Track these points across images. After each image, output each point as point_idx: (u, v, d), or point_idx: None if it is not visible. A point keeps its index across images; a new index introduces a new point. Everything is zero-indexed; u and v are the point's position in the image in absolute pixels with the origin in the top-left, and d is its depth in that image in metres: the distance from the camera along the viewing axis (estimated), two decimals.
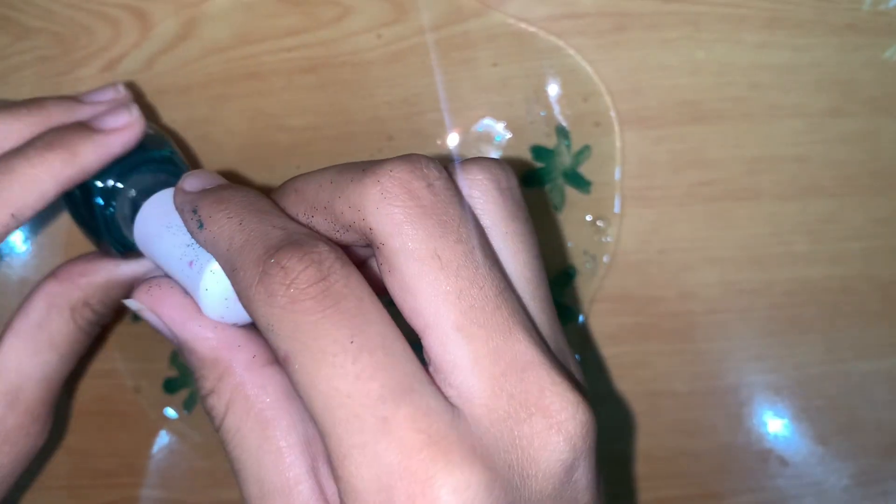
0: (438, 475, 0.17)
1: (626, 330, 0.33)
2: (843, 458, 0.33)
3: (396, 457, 0.17)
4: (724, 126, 0.31)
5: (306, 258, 0.19)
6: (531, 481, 0.18)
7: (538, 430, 0.18)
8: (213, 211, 0.21)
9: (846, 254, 0.32)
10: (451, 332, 0.19)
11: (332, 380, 0.18)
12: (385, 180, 0.19)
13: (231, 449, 0.21)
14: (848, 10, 0.30)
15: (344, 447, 0.18)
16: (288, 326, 0.18)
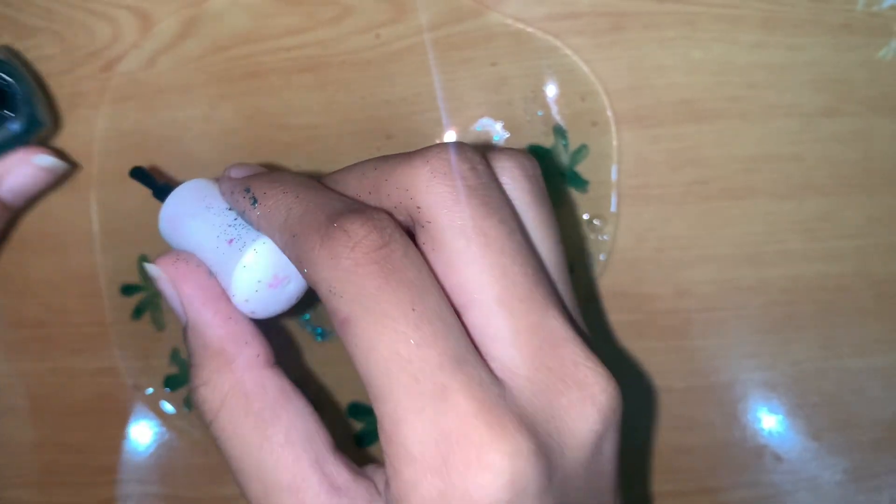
0: (493, 442, 0.18)
1: (622, 327, 0.33)
2: (837, 454, 0.33)
3: (454, 422, 0.18)
4: (720, 125, 0.31)
5: (369, 224, 0.19)
6: (568, 451, 0.19)
7: (574, 402, 0.19)
8: (267, 188, 0.22)
9: (841, 252, 0.32)
10: (494, 306, 0.19)
11: (394, 344, 0.18)
12: (434, 161, 0.20)
13: (228, 447, 0.22)
14: (842, 10, 0.30)
15: (401, 411, 0.18)
16: (352, 289, 0.19)
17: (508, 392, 0.19)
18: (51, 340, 0.35)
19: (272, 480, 0.21)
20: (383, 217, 0.20)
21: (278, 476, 0.21)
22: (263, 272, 0.22)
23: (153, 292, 0.34)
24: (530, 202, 0.22)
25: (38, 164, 0.30)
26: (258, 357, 0.22)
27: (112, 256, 0.34)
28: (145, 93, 0.32)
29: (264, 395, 0.21)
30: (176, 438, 0.35)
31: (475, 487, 0.17)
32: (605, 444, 0.20)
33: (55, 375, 0.35)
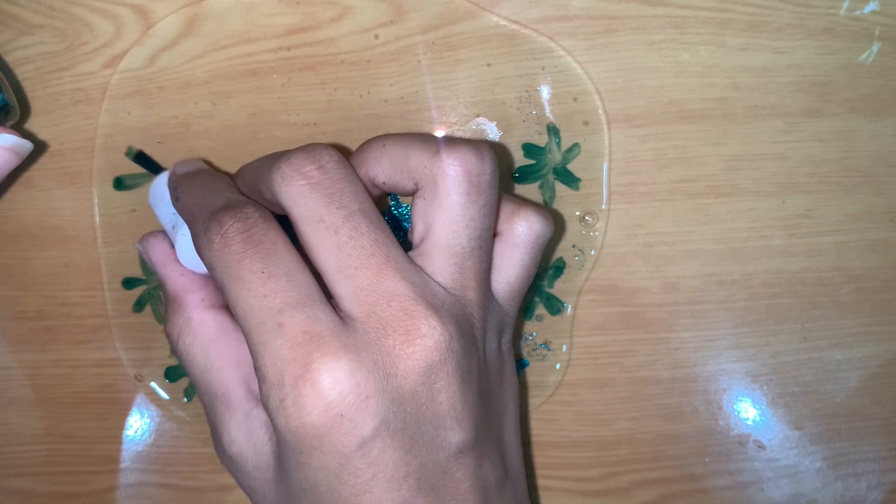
0: (315, 361, 0.23)
1: (612, 319, 0.33)
2: (818, 442, 0.34)
3: (286, 350, 0.23)
4: (706, 125, 0.32)
5: (236, 216, 0.25)
6: (394, 379, 0.23)
7: (400, 342, 0.23)
8: (184, 189, 0.28)
9: (821, 247, 0.32)
10: (335, 273, 0.24)
11: (248, 298, 0.24)
12: (283, 167, 0.25)
13: (185, 367, 0.28)
14: (825, 15, 0.31)
15: (255, 345, 0.24)
16: (221, 263, 0.24)
17: (346, 331, 0.24)
18: (53, 332, 0.35)
19: (212, 391, 0.27)
20: (249, 210, 0.25)
21: (216, 388, 0.27)
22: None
23: (154, 285, 0.34)
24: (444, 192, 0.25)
25: (2, 146, 0.30)
26: (202, 301, 0.28)
27: (114, 250, 0.34)
28: (147, 90, 0.33)
29: (205, 328, 0.28)
30: (176, 428, 0.35)
31: (301, 394, 0.23)
32: (437, 380, 0.24)
33: (58, 367, 0.35)
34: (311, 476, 0.24)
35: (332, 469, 0.23)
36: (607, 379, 0.34)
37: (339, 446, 0.23)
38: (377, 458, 0.23)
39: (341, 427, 0.23)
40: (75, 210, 0.34)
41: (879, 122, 0.32)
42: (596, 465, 0.34)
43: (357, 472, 0.23)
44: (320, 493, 0.24)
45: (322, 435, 0.23)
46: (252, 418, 0.26)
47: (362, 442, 0.23)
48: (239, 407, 0.26)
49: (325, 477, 0.24)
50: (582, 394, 0.34)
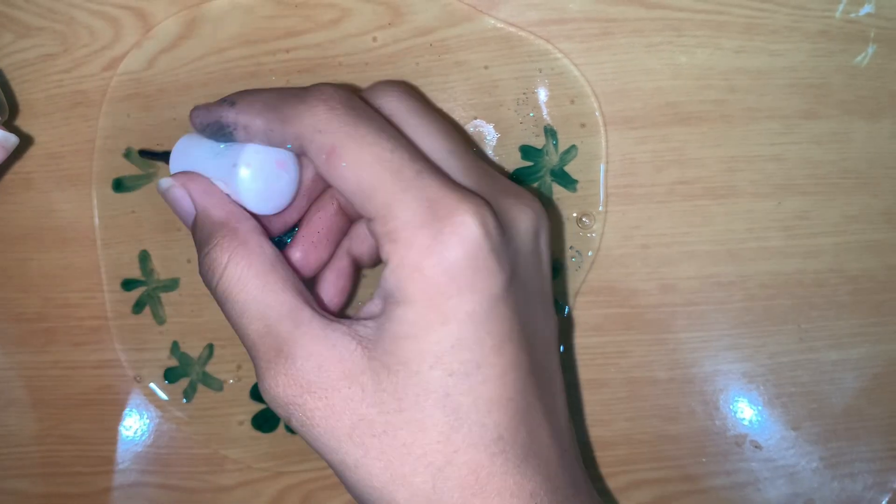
0: (465, 200, 0.23)
1: (609, 321, 0.34)
2: (814, 442, 0.34)
3: (434, 191, 0.23)
4: (703, 127, 0.32)
5: (335, 87, 0.25)
6: (516, 234, 0.24)
7: (513, 203, 0.25)
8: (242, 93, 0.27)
9: (818, 249, 0.33)
10: (446, 154, 0.25)
11: (377, 153, 0.23)
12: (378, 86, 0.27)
13: (233, 295, 0.25)
14: (821, 17, 0.31)
15: (391, 194, 0.23)
16: (334, 125, 0.24)
17: None
18: (52, 334, 0.35)
19: (273, 314, 0.24)
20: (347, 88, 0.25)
21: (279, 310, 0.24)
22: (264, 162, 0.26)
23: (153, 287, 0.34)
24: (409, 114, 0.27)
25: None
26: (256, 227, 0.26)
27: (113, 251, 0.34)
28: (146, 92, 0.33)
29: (263, 253, 0.25)
30: (175, 429, 0.35)
31: (457, 227, 0.22)
32: (539, 240, 0.25)
33: (57, 368, 0.35)
34: (455, 331, 0.22)
35: (482, 315, 0.22)
36: (605, 379, 0.34)
37: (492, 284, 0.22)
38: (514, 308, 0.23)
39: (492, 262, 0.22)
40: (75, 212, 0.34)
41: (875, 123, 0.32)
42: (593, 466, 0.35)
43: (502, 318, 0.23)
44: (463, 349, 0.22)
45: (478, 269, 0.22)
46: (333, 329, 0.24)
47: (507, 283, 0.23)
48: (313, 321, 0.24)
49: (472, 327, 0.22)
50: (579, 394, 0.34)
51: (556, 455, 0.24)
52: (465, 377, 0.22)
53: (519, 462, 0.23)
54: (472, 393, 0.22)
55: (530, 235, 0.25)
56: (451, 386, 0.22)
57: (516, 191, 0.25)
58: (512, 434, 0.23)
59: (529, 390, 0.23)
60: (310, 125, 0.24)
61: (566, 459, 0.24)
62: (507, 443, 0.23)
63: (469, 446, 0.22)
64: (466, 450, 0.22)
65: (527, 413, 0.23)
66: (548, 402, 0.24)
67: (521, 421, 0.23)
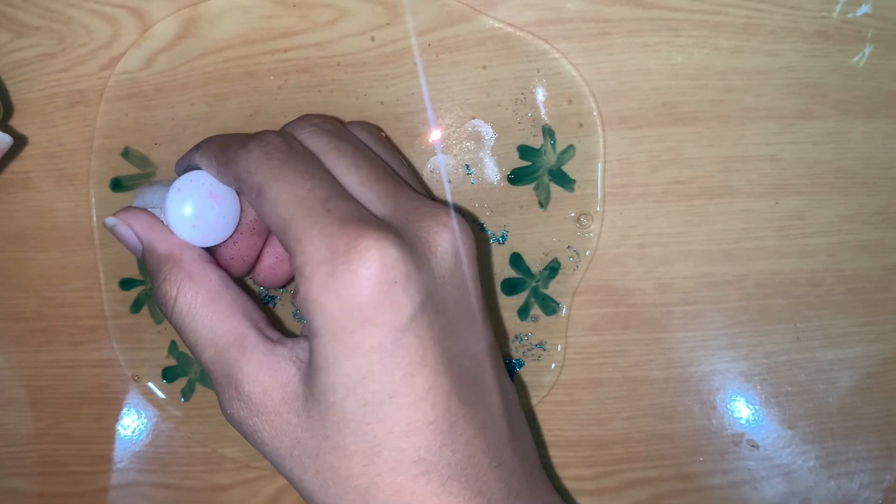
0: (365, 234, 0.23)
1: (606, 320, 0.34)
2: (810, 441, 0.34)
3: (336, 228, 0.23)
4: (700, 127, 0.32)
5: (277, 135, 0.26)
6: (432, 258, 0.25)
7: (431, 226, 0.25)
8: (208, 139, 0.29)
9: (814, 248, 0.33)
10: (358, 187, 0.26)
11: (294, 191, 0.24)
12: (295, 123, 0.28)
13: (185, 325, 0.27)
14: (818, 18, 0.31)
15: (301, 229, 0.24)
16: (263, 167, 0.25)
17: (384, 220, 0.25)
18: (50, 333, 0.35)
19: (222, 342, 0.26)
20: (287, 133, 0.27)
21: (226, 337, 0.26)
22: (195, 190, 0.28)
23: (151, 286, 0.34)
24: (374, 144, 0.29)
25: None
26: (200, 255, 0.28)
27: (111, 251, 0.34)
28: (144, 92, 0.33)
29: (209, 281, 0.27)
30: (173, 428, 0.35)
31: (354, 264, 0.23)
32: (460, 259, 0.25)
33: (55, 367, 0.35)
34: (362, 364, 0.23)
35: (387, 348, 0.23)
36: (602, 379, 0.34)
37: (395, 317, 0.23)
38: (426, 334, 0.23)
39: (395, 295, 0.23)
40: (73, 211, 0.34)
41: (871, 124, 0.32)
42: (590, 465, 0.35)
43: (410, 347, 0.23)
44: (372, 381, 0.23)
45: (378, 304, 0.23)
46: (275, 353, 0.25)
47: (414, 313, 0.23)
48: (257, 348, 0.25)
49: (378, 359, 0.23)
50: (576, 393, 0.34)
51: (489, 469, 0.25)
52: (378, 406, 0.23)
53: (444, 481, 0.24)
54: (388, 420, 0.23)
55: (448, 257, 0.25)
56: (367, 414, 0.23)
57: (433, 212, 0.26)
58: (434, 455, 0.24)
59: (454, 410, 0.24)
60: (243, 167, 0.26)
61: (504, 470, 0.25)
62: (430, 464, 0.24)
63: (390, 470, 0.24)
64: (388, 473, 0.24)
65: (450, 433, 0.24)
66: (481, 418, 0.25)
67: (445, 442, 0.24)
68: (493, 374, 0.26)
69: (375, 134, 0.30)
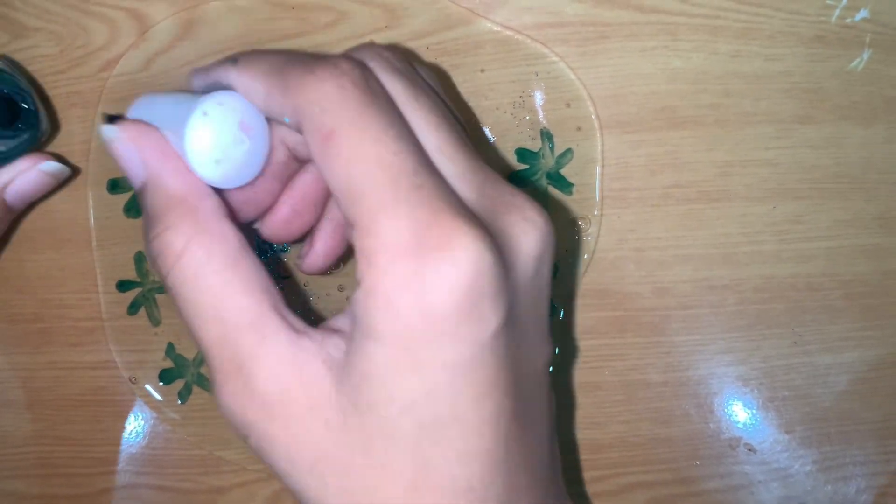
0: (462, 229, 0.19)
1: (604, 323, 0.34)
2: (808, 446, 0.34)
3: (427, 213, 0.20)
4: (698, 131, 0.32)
5: (353, 62, 0.21)
6: (517, 259, 0.21)
7: (516, 221, 0.21)
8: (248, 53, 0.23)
9: (812, 253, 0.33)
10: (436, 153, 0.22)
11: (377, 151, 0.20)
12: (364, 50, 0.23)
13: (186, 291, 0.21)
14: (817, 22, 0.31)
15: (380, 204, 0.20)
16: (339, 107, 0.20)
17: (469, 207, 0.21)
18: (48, 335, 0.35)
19: (233, 321, 0.21)
20: (362, 63, 0.22)
21: (240, 317, 0.21)
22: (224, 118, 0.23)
23: (148, 288, 0.34)
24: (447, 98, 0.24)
25: (44, 171, 0.31)
26: (220, 207, 0.22)
27: (108, 253, 0.34)
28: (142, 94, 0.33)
29: (225, 242, 0.22)
30: (170, 430, 0.35)
31: (445, 265, 0.19)
32: (543, 265, 0.22)
33: (52, 369, 0.35)
34: (429, 379, 0.20)
35: (462, 365, 0.20)
36: (599, 382, 0.34)
37: (478, 332, 0.20)
38: (503, 352, 0.20)
39: (483, 306, 0.19)
40: (70, 213, 0.34)
41: (870, 128, 0.32)
42: (587, 468, 0.35)
43: (486, 367, 0.20)
44: (437, 400, 0.20)
45: (464, 316, 0.19)
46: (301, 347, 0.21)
47: (497, 329, 0.20)
48: (279, 336, 0.21)
49: (449, 377, 0.20)
50: (574, 397, 0.34)
51: (533, 501, 0.22)
52: (437, 428, 0.20)
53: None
54: (444, 444, 0.20)
55: (533, 261, 0.21)
56: (422, 436, 0.20)
57: (520, 203, 0.22)
58: (485, 485, 0.21)
59: (511, 438, 0.21)
60: (312, 100, 0.21)
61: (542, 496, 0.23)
62: (478, 494, 0.21)
63: (436, 497, 0.20)
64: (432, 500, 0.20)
65: (505, 462, 0.21)
66: (530, 445, 0.22)
67: (497, 471, 0.21)
68: (547, 393, 0.24)
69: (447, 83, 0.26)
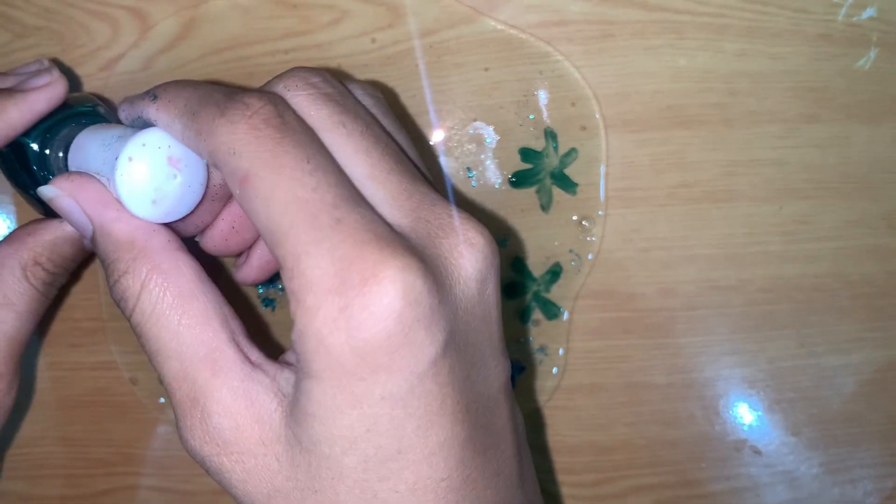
0: (386, 260, 0.19)
1: (608, 324, 0.33)
2: (814, 448, 0.34)
3: (350, 248, 0.19)
4: (704, 130, 0.32)
5: (265, 98, 0.21)
6: (455, 284, 0.21)
7: (455, 244, 0.21)
8: (167, 86, 0.23)
9: (818, 253, 0.33)
10: (367, 181, 0.21)
11: (293, 189, 0.20)
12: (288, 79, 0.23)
13: (147, 329, 0.22)
14: (823, 20, 0.31)
15: (302, 244, 0.19)
16: (251, 148, 0.20)
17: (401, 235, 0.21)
18: (49, 335, 0.35)
19: (190, 355, 0.22)
20: (277, 96, 0.22)
21: (196, 350, 0.22)
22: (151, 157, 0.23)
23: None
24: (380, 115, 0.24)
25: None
26: (170, 241, 0.23)
27: None
28: None
29: (180, 275, 0.22)
30: (171, 431, 0.35)
31: (372, 298, 0.19)
32: (487, 286, 0.22)
33: (54, 370, 0.35)
34: (368, 415, 0.20)
35: (401, 397, 0.20)
36: (604, 384, 0.34)
37: (414, 362, 0.19)
38: (447, 379, 0.20)
39: (417, 335, 0.19)
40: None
41: (876, 128, 0.32)
42: (592, 471, 0.34)
43: (428, 396, 0.20)
44: (378, 434, 0.20)
45: (397, 348, 0.19)
46: (254, 381, 0.21)
47: (436, 357, 0.20)
48: (232, 369, 0.21)
49: (388, 410, 0.20)
50: (578, 398, 0.34)
51: None
52: (383, 462, 0.20)
53: None
54: (393, 478, 0.20)
55: (475, 283, 0.21)
56: (368, 471, 0.20)
57: (458, 224, 0.21)
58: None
59: (468, 462, 0.21)
60: (224, 143, 0.20)
61: None
62: None
63: None
64: None
65: (463, 489, 0.21)
66: (493, 467, 0.22)
67: (457, 499, 0.21)
68: (508, 411, 0.23)
69: (380, 100, 0.25)
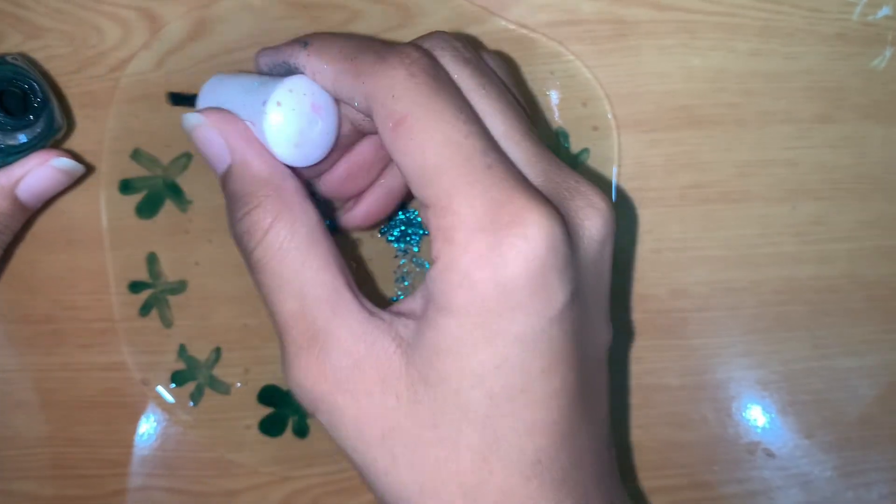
0: (533, 206, 0.21)
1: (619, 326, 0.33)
2: (828, 451, 0.34)
3: (500, 192, 0.21)
4: (717, 131, 0.32)
5: (422, 50, 0.23)
6: (581, 243, 0.22)
7: (581, 206, 0.22)
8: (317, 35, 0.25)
9: (832, 254, 0.32)
10: (503, 139, 0.23)
11: (449, 133, 0.21)
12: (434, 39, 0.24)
13: (269, 265, 0.23)
14: (838, 20, 0.31)
15: (455, 184, 0.21)
16: (410, 93, 0.22)
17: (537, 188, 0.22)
18: (60, 336, 0.35)
19: (312, 295, 0.23)
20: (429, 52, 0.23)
21: (318, 291, 0.23)
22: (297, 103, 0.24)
23: (161, 289, 0.34)
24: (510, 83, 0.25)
25: (56, 167, 0.31)
26: (301, 187, 0.24)
27: (121, 254, 0.34)
28: (154, 93, 0.33)
29: (308, 221, 0.23)
30: (182, 432, 0.35)
31: (519, 240, 0.20)
32: (606, 248, 0.23)
33: (64, 370, 0.35)
34: (500, 352, 0.21)
35: (532, 338, 0.21)
36: (615, 386, 0.34)
37: (548, 306, 0.21)
38: (570, 328, 0.21)
39: (552, 280, 0.20)
40: (82, 213, 0.34)
41: (891, 128, 0.31)
42: None
43: (553, 341, 0.21)
44: (506, 372, 0.21)
45: (535, 289, 0.20)
46: (373, 324, 0.22)
47: (565, 304, 0.21)
48: (352, 312, 0.23)
49: (519, 350, 0.21)
50: None
51: (594, 480, 0.23)
52: (507, 400, 0.21)
53: (555, 487, 0.22)
54: (513, 416, 0.21)
55: (596, 244, 0.23)
56: (492, 408, 0.21)
57: (585, 189, 0.23)
58: (551, 459, 0.22)
59: (575, 413, 0.22)
60: (385, 87, 0.22)
61: (605, 483, 0.23)
62: (545, 467, 0.22)
63: (504, 469, 0.21)
64: (501, 472, 0.21)
65: (569, 437, 0.22)
66: (592, 423, 0.23)
67: (562, 445, 0.22)
68: (606, 375, 0.24)
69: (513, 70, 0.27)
